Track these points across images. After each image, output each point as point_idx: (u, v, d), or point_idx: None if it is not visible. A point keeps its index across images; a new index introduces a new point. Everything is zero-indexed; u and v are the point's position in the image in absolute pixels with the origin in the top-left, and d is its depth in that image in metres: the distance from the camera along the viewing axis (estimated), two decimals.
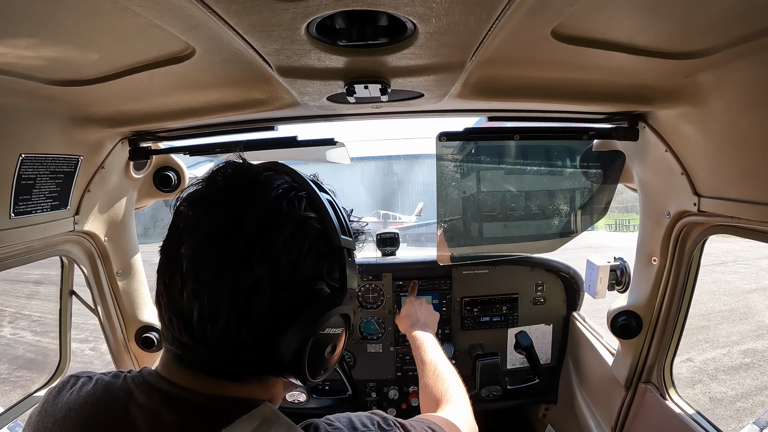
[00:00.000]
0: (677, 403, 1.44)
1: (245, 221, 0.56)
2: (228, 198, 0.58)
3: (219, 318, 0.55)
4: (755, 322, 7.87)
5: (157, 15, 0.67)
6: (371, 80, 0.95)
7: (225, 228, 0.56)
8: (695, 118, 1.09)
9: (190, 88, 1.09)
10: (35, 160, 1.08)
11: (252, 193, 0.58)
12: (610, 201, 1.78)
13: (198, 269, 0.56)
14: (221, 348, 0.57)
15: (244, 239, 0.55)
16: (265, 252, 0.56)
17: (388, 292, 2.11)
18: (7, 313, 8.43)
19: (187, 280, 0.56)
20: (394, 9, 0.65)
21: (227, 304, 0.55)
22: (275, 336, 0.58)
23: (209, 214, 0.58)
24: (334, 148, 1.62)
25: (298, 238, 0.58)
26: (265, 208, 0.57)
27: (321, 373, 0.66)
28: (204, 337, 0.56)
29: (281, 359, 0.59)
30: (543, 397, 2.23)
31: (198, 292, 0.56)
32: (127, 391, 0.60)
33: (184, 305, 0.56)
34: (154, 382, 0.60)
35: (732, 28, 0.77)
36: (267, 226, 0.56)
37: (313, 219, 0.60)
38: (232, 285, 0.55)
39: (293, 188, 0.61)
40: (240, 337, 0.56)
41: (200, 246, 0.56)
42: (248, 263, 0.55)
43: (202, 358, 0.59)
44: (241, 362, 0.59)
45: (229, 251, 0.55)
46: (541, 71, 1.05)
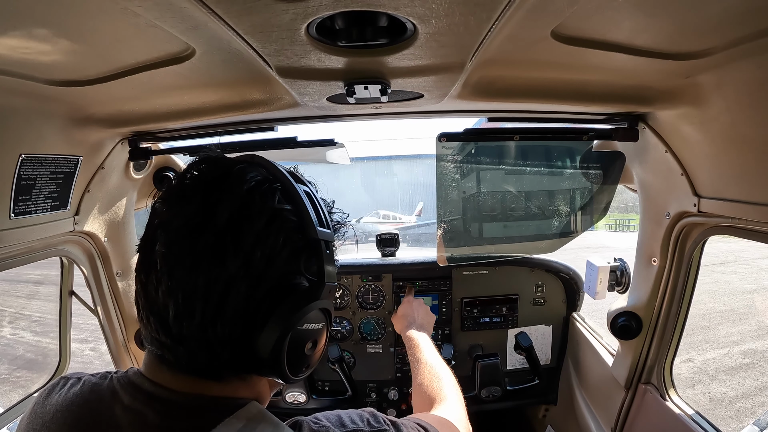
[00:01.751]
0: (677, 403, 1.44)
1: (217, 215, 0.55)
2: (200, 192, 0.57)
3: (194, 315, 0.54)
4: (755, 322, 7.87)
5: (157, 15, 0.67)
6: (371, 81, 0.95)
7: (197, 223, 0.55)
8: (695, 119, 1.09)
9: (190, 89, 1.09)
10: (35, 161, 1.08)
11: (224, 186, 0.57)
12: (610, 201, 1.78)
13: (172, 266, 0.55)
14: (198, 346, 0.56)
15: (217, 233, 0.54)
16: (238, 246, 0.54)
17: (388, 293, 2.11)
18: (7, 314, 8.43)
19: (162, 277, 0.55)
20: (393, 10, 0.65)
21: (202, 301, 0.54)
22: (252, 333, 0.56)
23: (182, 209, 0.57)
24: (334, 149, 1.62)
25: (272, 231, 0.56)
26: (237, 201, 0.56)
27: (303, 371, 0.64)
28: (181, 336, 0.55)
29: (260, 357, 0.57)
30: (543, 398, 2.22)
31: (172, 290, 0.55)
32: (112, 391, 0.59)
33: (160, 303, 0.56)
34: (139, 383, 0.59)
35: (732, 29, 0.77)
36: (239, 219, 0.55)
37: (288, 211, 0.59)
38: (206, 281, 0.54)
39: (267, 180, 0.60)
40: (216, 335, 0.55)
41: (173, 242, 0.55)
42: (221, 258, 0.54)
43: (181, 358, 0.57)
44: (220, 361, 0.57)
45: (201, 246, 0.54)
46: (541, 72, 1.05)
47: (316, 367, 1.99)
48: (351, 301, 2.13)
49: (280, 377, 0.61)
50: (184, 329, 0.55)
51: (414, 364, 1.28)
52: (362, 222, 21.95)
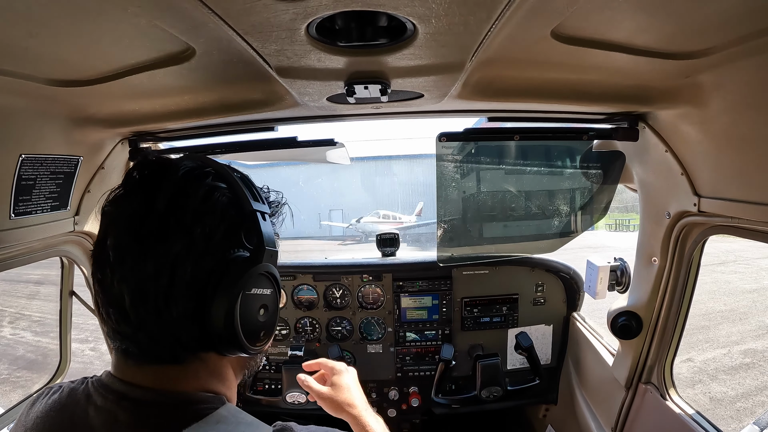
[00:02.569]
0: (677, 403, 1.44)
1: (157, 202, 0.59)
2: (142, 187, 0.62)
3: (148, 298, 0.58)
4: (755, 322, 7.87)
5: (157, 15, 0.67)
6: (371, 81, 0.95)
7: (140, 212, 0.59)
8: (695, 119, 1.09)
9: (190, 89, 1.09)
10: (35, 161, 1.08)
11: (162, 177, 0.62)
12: (611, 201, 1.78)
13: (122, 255, 0.58)
14: (156, 329, 0.59)
15: (158, 217, 0.58)
16: (179, 225, 0.58)
17: (388, 293, 2.11)
18: (7, 314, 8.43)
19: (115, 268, 0.59)
20: (393, 9, 0.65)
21: (153, 283, 0.57)
22: (204, 307, 0.59)
23: (127, 204, 0.61)
24: (334, 149, 1.62)
25: (208, 207, 0.61)
26: (173, 186, 0.61)
27: (261, 338, 0.67)
28: (139, 322, 0.58)
29: (216, 330, 0.60)
30: (543, 398, 2.23)
31: (125, 278, 0.58)
32: (87, 395, 0.62)
33: (116, 293, 0.59)
34: (110, 383, 0.62)
35: (732, 28, 0.77)
36: (177, 201, 0.59)
37: (222, 189, 0.63)
38: (154, 263, 0.57)
39: (199, 166, 0.64)
40: (170, 314, 0.58)
41: (121, 233, 0.59)
42: (165, 239, 0.58)
43: (142, 345, 0.60)
44: (179, 341, 0.60)
45: (146, 231, 0.58)
46: (541, 72, 1.05)
47: None
48: (351, 301, 2.13)
49: (239, 348, 0.63)
50: (141, 314, 0.58)
51: None
52: (362, 222, 21.95)
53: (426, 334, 2.13)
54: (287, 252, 9.65)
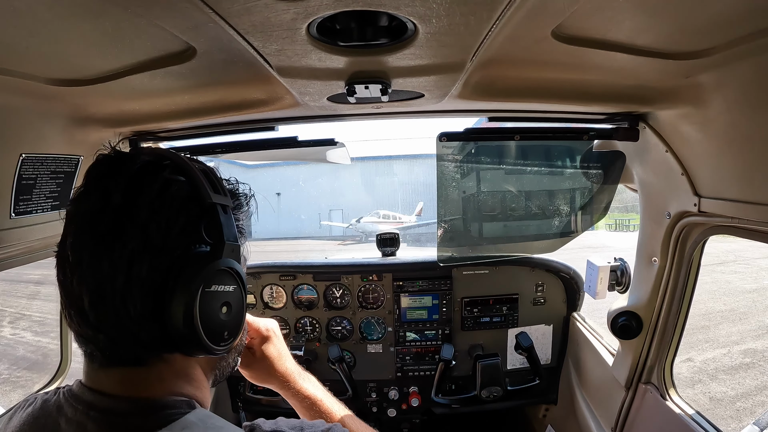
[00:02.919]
0: (677, 403, 1.44)
1: (112, 197, 0.57)
2: (98, 183, 0.60)
3: (105, 298, 0.56)
4: (755, 322, 7.87)
5: (157, 15, 0.67)
6: (372, 80, 0.95)
7: (97, 209, 0.57)
8: (696, 119, 1.09)
9: (190, 88, 1.09)
10: (36, 160, 1.08)
11: (117, 172, 0.60)
12: (611, 201, 1.78)
13: (80, 254, 0.57)
14: (116, 330, 0.57)
15: (113, 213, 0.56)
16: (135, 220, 0.56)
17: (388, 292, 2.11)
18: (7, 314, 8.43)
19: (74, 268, 0.57)
20: (394, 9, 0.65)
21: (109, 282, 0.56)
22: (163, 305, 0.57)
23: (85, 202, 0.59)
24: (335, 149, 1.62)
25: (165, 200, 0.58)
26: (127, 180, 0.58)
27: (225, 338, 0.64)
28: (98, 322, 0.57)
29: (175, 328, 0.58)
30: (543, 398, 2.23)
31: (84, 277, 0.57)
32: (58, 406, 0.61)
33: (76, 294, 0.57)
34: (79, 393, 0.61)
35: (732, 28, 0.77)
36: (132, 195, 0.57)
37: (180, 182, 0.61)
38: (110, 261, 0.56)
39: (156, 159, 0.62)
40: (128, 314, 0.56)
41: (78, 232, 0.58)
42: (120, 234, 0.56)
43: (103, 347, 0.59)
44: (139, 341, 0.58)
45: (101, 228, 0.56)
46: (541, 72, 1.05)
47: (316, 367, 1.97)
48: (351, 300, 2.14)
49: (202, 348, 0.60)
50: (100, 314, 0.57)
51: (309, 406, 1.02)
52: (362, 222, 21.95)
53: (426, 334, 2.13)
54: (287, 252, 9.69)
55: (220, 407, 2.20)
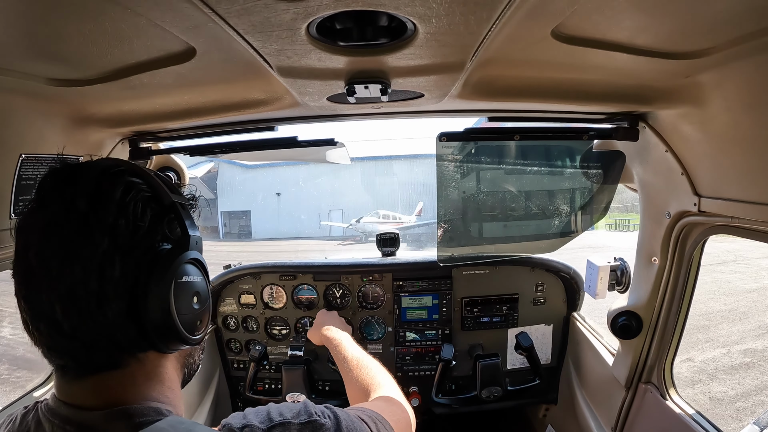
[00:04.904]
0: (677, 403, 1.44)
1: (76, 202, 0.58)
2: (56, 192, 0.60)
3: (80, 302, 0.56)
4: (755, 321, 7.87)
5: (157, 15, 0.67)
6: (371, 80, 0.95)
7: (60, 217, 0.57)
8: (695, 118, 1.09)
9: (190, 88, 1.09)
10: (36, 161, 1.08)
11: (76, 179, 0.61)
12: (611, 201, 1.78)
13: (47, 263, 0.56)
14: (91, 336, 0.58)
15: (80, 217, 0.57)
16: (103, 222, 0.57)
17: (388, 292, 2.11)
18: (7, 314, 8.43)
19: (41, 279, 0.57)
20: (394, 9, 0.65)
21: (83, 286, 0.56)
22: (138, 302, 0.59)
23: (44, 212, 0.59)
24: (334, 149, 1.62)
25: (130, 200, 0.60)
26: (91, 184, 0.60)
27: (198, 327, 0.66)
28: (72, 330, 0.57)
29: (152, 323, 0.59)
30: (543, 398, 2.23)
31: (53, 287, 0.56)
32: (37, 421, 0.61)
33: (45, 306, 0.57)
34: (56, 408, 0.61)
35: (732, 28, 0.77)
36: (98, 197, 0.58)
37: (139, 184, 0.63)
38: (82, 265, 0.56)
39: (114, 165, 0.64)
40: (105, 316, 0.57)
41: (43, 242, 0.57)
42: (90, 238, 0.56)
43: (78, 356, 0.59)
44: (116, 344, 0.59)
45: (69, 234, 0.57)
46: (541, 71, 1.05)
47: (316, 368, 1.98)
48: (351, 301, 2.14)
49: (179, 339, 0.62)
50: (74, 321, 0.56)
51: (340, 362, 1.29)
52: (362, 222, 21.96)
53: (426, 334, 2.13)
54: (287, 252, 9.69)
55: (221, 407, 2.20)
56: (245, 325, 2.18)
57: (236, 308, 2.17)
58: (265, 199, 27.07)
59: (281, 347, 2.16)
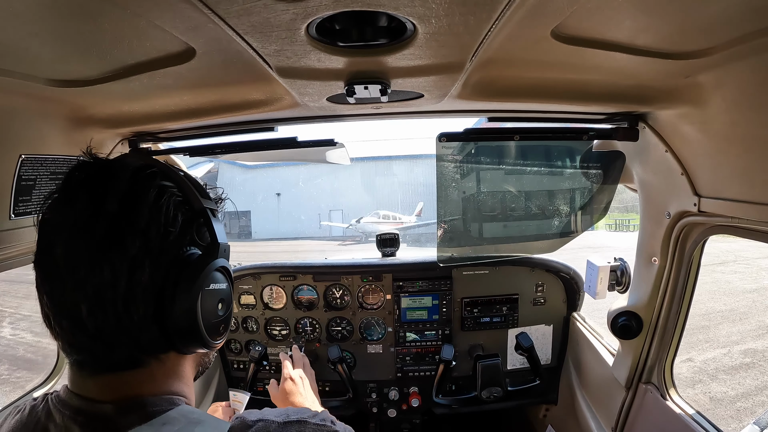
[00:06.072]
0: (678, 403, 1.44)
1: (107, 203, 0.57)
2: (85, 190, 0.59)
3: (106, 304, 0.56)
4: (755, 322, 7.87)
5: (157, 16, 0.67)
6: (371, 81, 0.95)
7: (89, 216, 0.57)
8: (695, 119, 1.09)
9: (190, 89, 1.09)
10: (35, 161, 1.08)
11: (106, 179, 0.60)
12: (611, 201, 1.78)
13: (75, 263, 0.56)
14: (115, 336, 0.58)
15: (111, 220, 0.56)
16: (134, 226, 0.57)
17: (388, 293, 2.11)
18: (7, 314, 8.43)
19: (67, 277, 0.56)
20: (394, 9, 0.65)
21: (111, 288, 0.56)
22: (165, 306, 0.59)
23: (71, 210, 0.58)
24: (334, 149, 1.62)
25: (162, 205, 0.60)
26: (123, 186, 0.59)
27: (220, 332, 0.68)
28: (97, 330, 0.57)
29: (177, 327, 0.60)
30: (543, 398, 2.22)
31: (80, 286, 0.56)
32: (47, 412, 0.62)
33: (69, 304, 0.57)
34: (67, 399, 0.61)
35: (732, 28, 0.77)
36: (130, 201, 0.58)
37: (172, 188, 0.63)
38: (111, 267, 0.56)
39: (146, 166, 0.63)
40: (131, 318, 0.57)
41: (70, 240, 0.57)
42: (120, 241, 0.56)
43: (98, 355, 0.59)
44: (139, 345, 0.60)
45: (99, 236, 0.56)
46: (541, 72, 1.05)
47: (316, 368, 1.97)
48: (351, 301, 2.13)
49: (202, 344, 0.63)
50: (99, 322, 0.56)
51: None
52: (362, 222, 21.96)
53: (426, 335, 2.13)
54: (287, 252, 9.70)
55: None
56: (245, 325, 2.18)
57: (236, 308, 2.17)
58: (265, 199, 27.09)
59: (281, 347, 2.16)
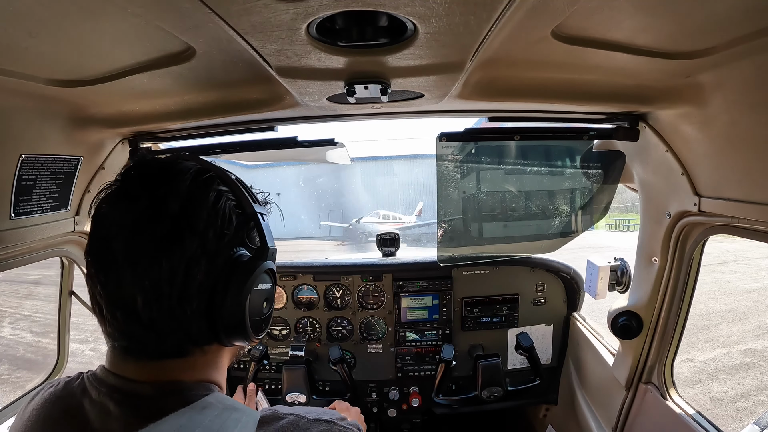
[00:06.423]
0: (678, 403, 1.44)
1: (169, 205, 0.61)
2: (146, 189, 0.63)
3: (163, 298, 0.60)
4: (755, 321, 7.87)
5: (157, 15, 0.67)
6: (371, 81, 0.95)
7: (151, 214, 0.60)
8: (695, 118, 1.09)
9: (190, 89, 1.09)
10: (35, 161, 1.08)
11: (167, 180, 0.64)
12: (611, 201, 1.78)
13: (135, 258, 0.59)
14: (168, 327, 0.61)
15: (172, 220, 0.60)
16: (193, 228, 0.61)
17: (388, 293, 2.11)
18: (7, 314, 8.43)
19: (125, 270, 0.60)
20: (394, 9, 0.65)
21: (168, 284, 0.59)
22: (216, 302, 0.63)
23: (132, 206, 0.62)
24: (335, 149, 1.62)
25: (218, 210, 0.64)
26: (184, 190, 0.63)
27: (263, 329, 0.73)
28: (150, 321, 0.60)
29: (226, 323, 0.64)
30: (544, 398, 2.22)
31: (138, 280, 0.59)
32: (82, 388, 0.65)
33: (126, 296, 0.60)
34: (104, 378, 0.64)
35: (732, 28, 0.77)
36: (190, 205, 0.62)
37: (227, 192, 0.67)
38: (170, 264, 0.59)
39: (204, 170, 0.67)
40: (184, 312, 0.61)
41: (132, 237, 0.60)
42: (180, 241, 0.60)
43: (149, 344, 0.63)
44: (189, 337, 0.64)
45: (160, 233, 0.60)
46: (541, 71, 1.05)
47: (317, 368, 1.97)
48: (351, 301, 2.13)
49: (245, 338, 0.68)
50: (154, 313, 0.60)
51: None
52: (362, 222, 21.94)
53: (426, 334, 2.13)
54: (287, 252, 9.68)
55: None
56: None
57: None
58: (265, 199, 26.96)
59: (281, 347, 2.16)
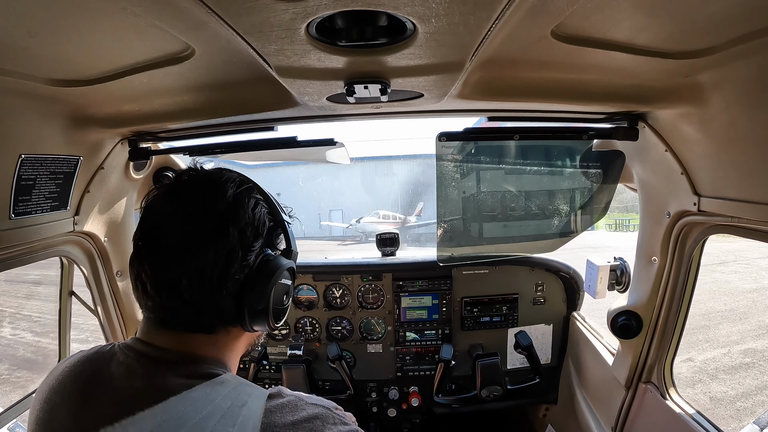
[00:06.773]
0: (677, 402, 1.44)
1: (218, 204, 0.74)
2: (199, 190, 0.76)
3: (205, 281, 0.70)
4: (755, 321, 7.87)
5: (157, 15, 0.67)
6: (371, 80, 0.95)
7: (202, 210, 0.73)
8: (695, 118, 1.09)
9: (189, 89, 1.09)
10: (35, 161, 1.08)
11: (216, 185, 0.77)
12: (610, 201, 1.78)
13: (186, 243, 0.71)
14: (207, 306, 0.72)
15: (220, 216, 0.73)
16: (236, 225, 0.74)
17: (388, 293, 2.11)
18: (7, 314, 8.43)
19: (176, 255, 0.71)
20: (393, 9, 0.65)
21: (211, 267, 0.71)
22: (246, 289, 0.74)
23: (186, 201, 0.75)
24: (334, 149, 1.62)
25: (256, 213, 0.78)
26: (230, 194, 0.76)
27: (280, 318, 0.84)
28: (192, 298, 0.71)
29: (252, 307, 0.75)
30: (543, 397, 2.23)
31: (187, 264, 0.70)
32: (112, 352, 0.75)
33: (174, 276, 0.70)
34: (133, 345, 0.74)
35: (732, 28, 0.77)
36: (234, 206, 0.75)
37: (263, 200, 0.81)
38: (214, 252, 0.71)
39: (244, 181, 0.81)
40: (221, 295, 0.72)
41: (185, 226, 0.72)
42: (225, 234, 0.72)
43: (185, 318, 0.73)
44: (220, 315, 0.74)
45: (210, 226, 0.72)
46: (541, 71, 1.05)
47: (316, 367, 1.98)
48: (351, 300, 2.14)
49: (266, 324, 0.79)
50: (195, 292, 0.71)
51: None
52: (362, 222, 21.94)
53: (426, 334, 2.13)
54: None
55: None
56: None
57: None
58: None
59: (281, 347, 2.16)
